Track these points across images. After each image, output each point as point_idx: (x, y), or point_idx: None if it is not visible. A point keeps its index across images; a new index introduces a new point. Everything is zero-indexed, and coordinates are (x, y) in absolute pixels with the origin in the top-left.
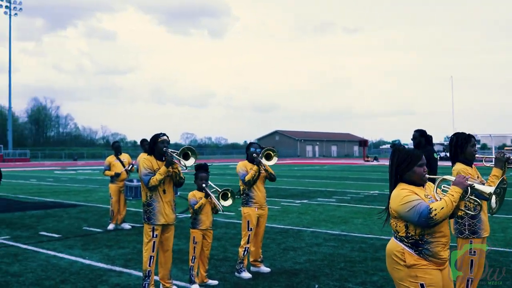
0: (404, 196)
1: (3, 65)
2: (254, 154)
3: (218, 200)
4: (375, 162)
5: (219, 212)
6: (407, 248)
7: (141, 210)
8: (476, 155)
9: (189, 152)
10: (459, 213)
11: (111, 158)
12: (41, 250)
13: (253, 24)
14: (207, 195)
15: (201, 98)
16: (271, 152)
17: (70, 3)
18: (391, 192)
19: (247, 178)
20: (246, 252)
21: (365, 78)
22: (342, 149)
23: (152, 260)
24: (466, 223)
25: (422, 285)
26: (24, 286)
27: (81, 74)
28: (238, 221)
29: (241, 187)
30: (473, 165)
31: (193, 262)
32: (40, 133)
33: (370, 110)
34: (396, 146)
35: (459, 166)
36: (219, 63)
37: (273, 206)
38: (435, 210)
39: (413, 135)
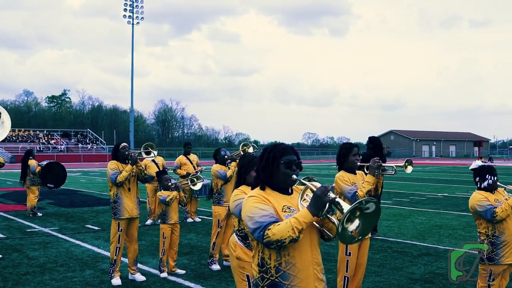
0: None
1: (135, 70)
2: (226, 156)
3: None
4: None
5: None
6: None
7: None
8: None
9: (150, 148)
10: None
11: (182, 158)
12: (71, 240)
13: (374, 21)
14: (177, 189)
15: (324, 97)
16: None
17: (194, 8)
18: None
19: (229, 173)
20: (215, 246)
21: (497, 73)
22: (461, 150)
23: (118, 250)
24: None
25: None
26: (30, 267)
27: (206, 76)
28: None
29: (215, 188)
30: (357, 172)
31: (163, 255)
32: (166, 133)
33: (501, 107)
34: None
35: (339, 174)
36: (341, 62)
37: None
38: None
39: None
